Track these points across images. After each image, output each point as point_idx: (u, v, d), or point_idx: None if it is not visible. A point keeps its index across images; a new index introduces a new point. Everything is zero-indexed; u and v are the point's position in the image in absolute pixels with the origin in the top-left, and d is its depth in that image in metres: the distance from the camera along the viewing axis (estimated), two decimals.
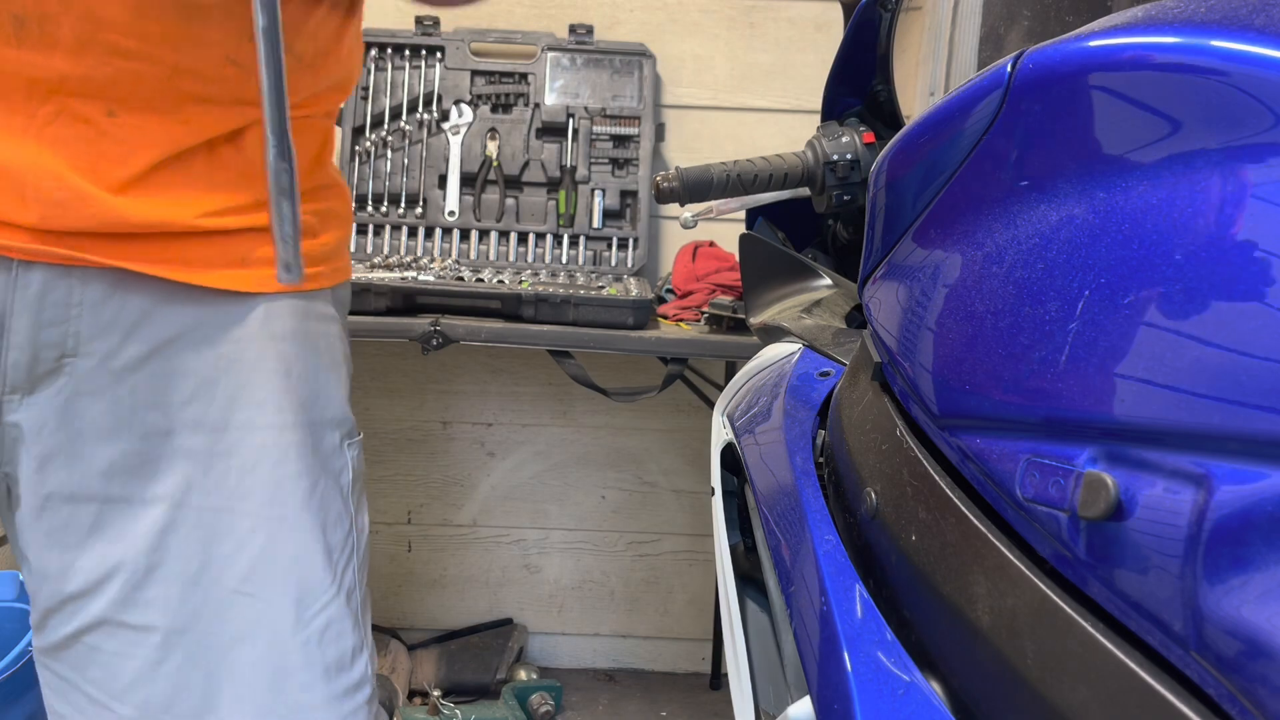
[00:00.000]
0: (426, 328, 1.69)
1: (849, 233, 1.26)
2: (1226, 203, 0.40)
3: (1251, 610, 0.33)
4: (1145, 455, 0.39)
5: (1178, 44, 0.44)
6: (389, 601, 2.27)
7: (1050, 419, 0.46)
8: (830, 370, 0.93)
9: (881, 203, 0.71)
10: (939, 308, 0.59)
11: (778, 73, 2.13)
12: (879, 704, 0.51)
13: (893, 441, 0.62)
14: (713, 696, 2.22)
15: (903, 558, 0.57)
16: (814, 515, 0.69)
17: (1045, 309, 0.48)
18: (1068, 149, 0.50)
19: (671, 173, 1.17)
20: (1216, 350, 0.37)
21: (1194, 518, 0.36)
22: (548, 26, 2.07)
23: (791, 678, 0.72)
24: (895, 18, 1.15)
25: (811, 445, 0.81)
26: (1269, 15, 0.41)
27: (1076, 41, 0.50)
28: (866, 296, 0.76)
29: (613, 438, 2.23)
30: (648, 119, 2.03)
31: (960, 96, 0.60)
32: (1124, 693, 0.38)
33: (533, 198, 2.05)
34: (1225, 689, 0.34)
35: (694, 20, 2.12)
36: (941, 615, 0.52)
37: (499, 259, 2.04)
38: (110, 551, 0.73)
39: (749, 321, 1.30)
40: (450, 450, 2.23)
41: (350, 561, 0.81)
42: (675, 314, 1.87)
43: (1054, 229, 0.49)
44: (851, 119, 1.22)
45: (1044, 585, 0.44)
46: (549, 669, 2.26)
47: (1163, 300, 0.41)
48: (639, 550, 2.28)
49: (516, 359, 2.18)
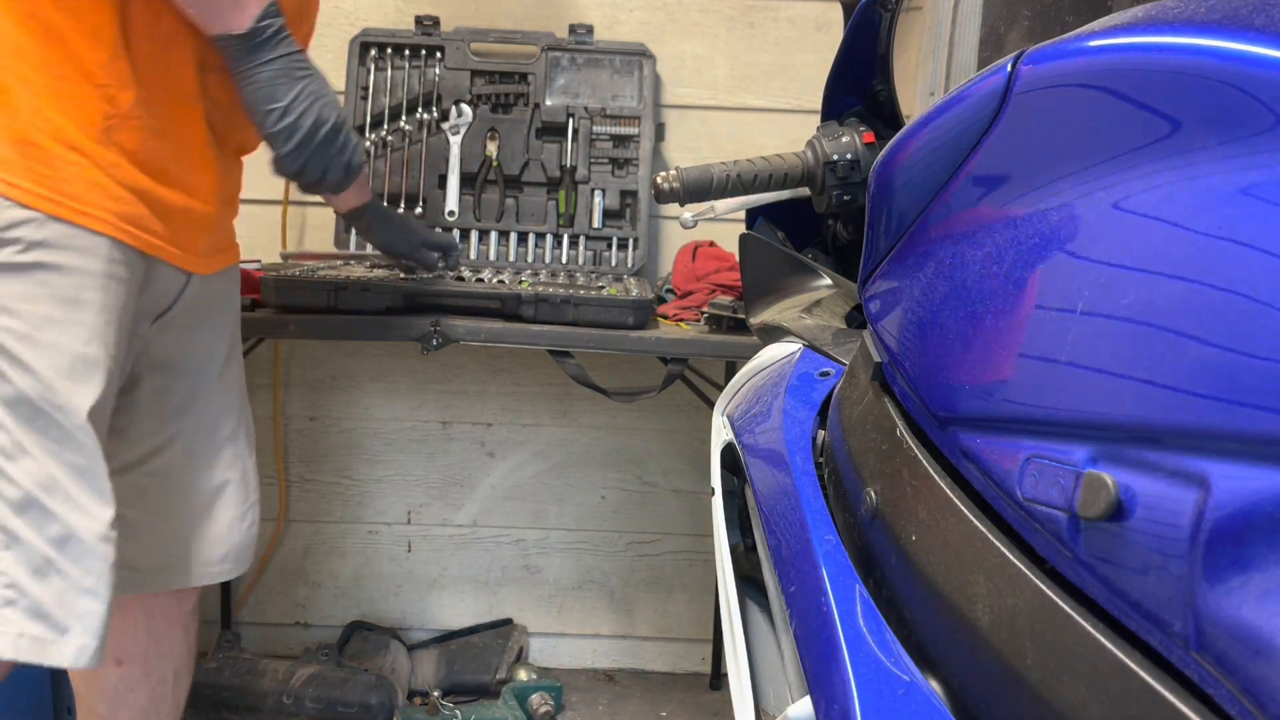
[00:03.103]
0: (426, 328, 1.69)
1: (849, 233, 1.26)
2: (1226, 202, 0.40)
3: (1251, 610, 0.33)
4: (1145, 455, 0.39)
5: (1178, 44, 0.44)
6: (389, 601, 2.27)
7: (1050, 419, 0.46)
8: (830, 370, 0.93)
9: (881, 203, 0.71)
10: (939, 307, 0.59)
11: (778, 73, 2.13)
12: (879, 704, 0.51)
13: (893, 441, 0.62)
14: (713, 696, 2.22)
15: (903, 558, 0.57)
16: (814, 515, 0.69)
17: (1045, 309, 0.48)
18: (1067, 148, 0.50)
19: (671, 173, 1.17)
20: (1216, 350, 0.37)
21: (1194, 518, 0.36)
22: (548, 26, 2.07)
23: (791, 678, 0.72)
24: (895, 18, 1.15)
25: (811, 445, 0.81)
26: (1269, 15, 0.41)
27: (1076, 41, 0.50)
28: (866, 296, 0.76)
29: (613, 438, 2.23)
30: (648, 119, 2.03)
31: (960, 96, 0.60)
32: (1124, 693, 0.38)
33: (533, 198, 2.05)
34: (1225, 689, 0.34)
35: (694, 20, 2.12)
36: (941, 615, 0.52)
37: (499, 259, 2.04)
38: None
39: (749, 321, 1.30)
40: (450, 450, 2.23)
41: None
42: (675, 314, 1.87)
43: (1054, 228, 0.49)
44: (851, 119, 1.22)
45: (1044, 585, 0.44)
46: (549, 669, 2.26)
47: (1162, 300, 0.41)
48: (639, 550, 2.28)
49: (516, 359, 2.18)
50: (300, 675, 1.95)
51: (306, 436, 2.21)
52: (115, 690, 1.37)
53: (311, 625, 2.27)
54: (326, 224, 2.09)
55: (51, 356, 1.07)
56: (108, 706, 1.38)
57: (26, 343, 1.06)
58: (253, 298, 1.73)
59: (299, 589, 2.26)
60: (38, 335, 1.06)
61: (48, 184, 1.06)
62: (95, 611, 1.09)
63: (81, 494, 1.08)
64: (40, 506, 1.07)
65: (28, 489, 1.06)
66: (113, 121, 1.09)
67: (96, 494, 1.09)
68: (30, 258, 1.06)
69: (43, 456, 1.07)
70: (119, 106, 1.09)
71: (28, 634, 1.07)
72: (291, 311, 1.70)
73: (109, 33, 1.07)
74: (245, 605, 2.25)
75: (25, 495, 1.06)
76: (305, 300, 1.70)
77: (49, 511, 1.07)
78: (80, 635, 1.09)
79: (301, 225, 2.14)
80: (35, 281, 1.06)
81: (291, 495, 2.22)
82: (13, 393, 1.06)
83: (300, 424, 2.20)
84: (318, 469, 2.22)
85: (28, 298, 1.06)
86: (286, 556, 2.24)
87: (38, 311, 1.06)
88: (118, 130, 1.09)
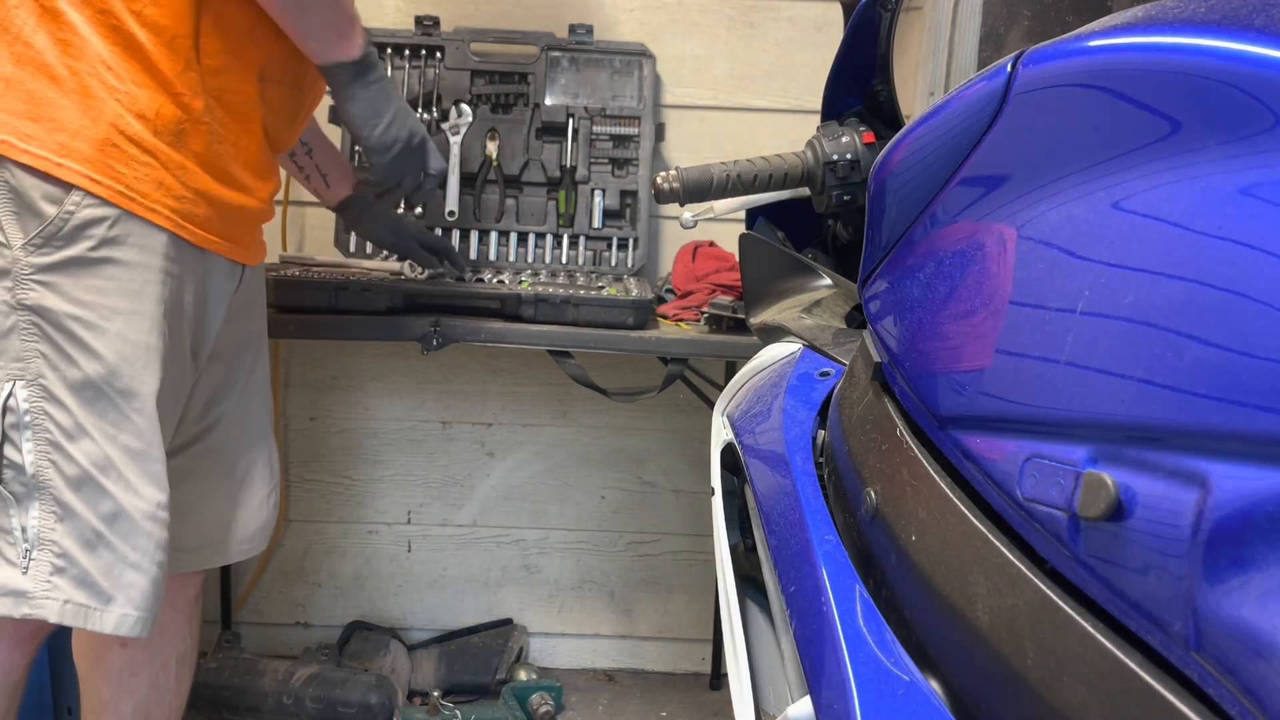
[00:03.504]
0: (426, 328, 1.69)
1: (849, 233, 1.26)
2: (1226, 202, 0.39)
3: (1251, 610, 0.33)
4: (1145, 455, 0.39)
5: (1178, 44, 0.44)
6: (389, 601, 2.27)
7: (1050, 419, 0.46)
8: (830, 370, 0.93)
9: (881, 202, 0.71)
10: (939, 307, 0.59)
11: (778, 73, 2.13)
12: (879, 704, 0.51)
13: (893, 441, 0.62)
14: (713, 696, 2.22)
15: (903, 558, 0.57)
16: (814, 515, 0.69)
17: (1045, 308, 0.48)
18: (1067, 148, 0.50)
19: (671, 173, 1.17)
20: (1216, 350, 0.37)
21: (1194, 518, 0.36)
22: (548, 26, 2.07)
23: (791, 678, 0.72)
24: (895, 18, 1.15)
25: (811, 445, 0.81)
26: (1269, 15, 0.41)
27: (1076, 41, 0.50)
28: (866, 296, 0.76)
29: (613, 438, 2.23)
30: (648, 119, 2.03)
31: (960, 96, 0.60)
32: (1124, 693, 0.38)
33: (533, 198, 2.05)
34: (1225, 689, 0.34)
35: (694, 20, 2.12)
36: (941, 615, 0.52)
37: (499, 259, 2.03)
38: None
39: (749, 321, 1.30)
40: (450, 450, 2.23)
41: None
42: (675, 314, 1.87)
43: (1054, 228, 0.49)
44: (851, 119, 1.22)
45: (1044, 585, 0.44)
46: (549, 669, 2.26)
47: (1162, 300, 0.41)
48: (639, 550, 2.28)
49: (516, 359, 2.18)
50: (300, 675, 1.95)
51: (306, 436, 2.21)
52: (120, 673, 1.41)
53: (311, 625, 2.27)
54: (326, 224, 2.09)
55: (117, 345, 1.15)
56: (112, 690, 1.41)
57: (95, 332, 1.14)
58: None
59: (299, 589, 2.26)
60: (105, 325, 1.15)
61: (122, 182, 1.14)
62: (139, 584, 1.18)
63: (134, 475, 1.17)
64: (95, 484, 1.15)
65: (85, 467, 1.15)
66: (185, 126, 1.18)
67: (149, 476, 1.18)
68: (102, 253, 1.14)
69: (101, 439, 1.15)
70: (190, 113, 1.19)
71: (74, 601, 1.15)
72: (291, 311, 1.70)
73: (184, 46, 1.17)
74: (245, 605, 2.25)
75: (82, 473, 1.15)
76: (305, 300, 1.70)
77: (103, 489, 1.15)
78: (123, 605, 1.17)
79: (301, 226, 2.14)
80: (105, 275, 1.15)
81: (291, 495, 2.22)
82: (80, 377, 1.14)
83: (300, 424, 2.20)
84: (318, 469, 2.22)
85: (97, 290, 1.14)
86: (286, 556, 2.24)
87: (106, 303, 1.15)
88: (188, 134, 1.19)
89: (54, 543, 1.15)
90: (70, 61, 1.12)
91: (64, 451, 1.14)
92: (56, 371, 1.14)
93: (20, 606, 1.15)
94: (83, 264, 1.14)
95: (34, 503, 1.15)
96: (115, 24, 1.14)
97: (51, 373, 1.14)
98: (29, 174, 1.11)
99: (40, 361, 1.13)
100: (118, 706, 1.42)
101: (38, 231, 1.12)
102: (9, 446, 1.14)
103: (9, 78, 1.11)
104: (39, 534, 1.15)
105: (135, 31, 1.14)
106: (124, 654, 1.41)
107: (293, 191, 2.10)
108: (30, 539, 1.15)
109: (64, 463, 1.15)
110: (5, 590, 1.15)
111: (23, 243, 1.12)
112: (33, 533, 1.15)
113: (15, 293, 1.12)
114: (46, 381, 1.14)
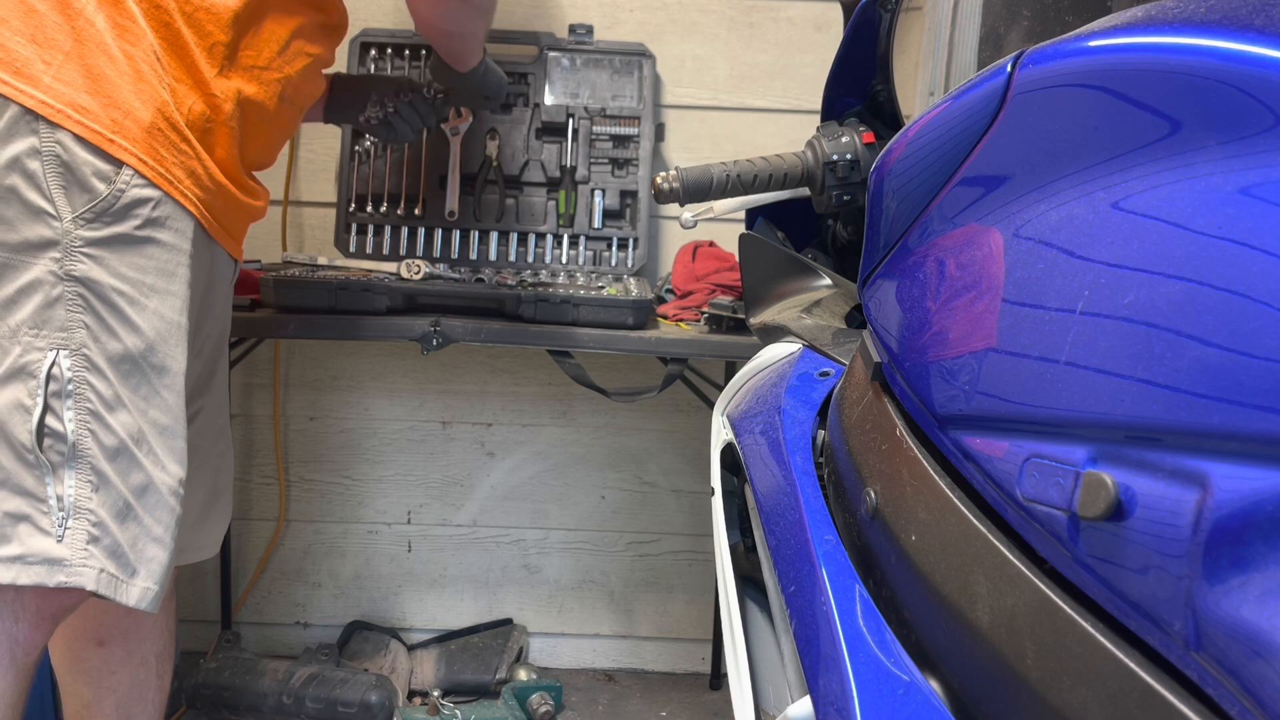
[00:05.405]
0: (426, 328, 1.69)
1: (849, 233, 1.26)
2: (1226, 202, 0.39)
3: (1251, 610, 0.33)
4: (1145, 455, 0.39)
5: (1178, 44, 0.44)
6: (389, 601, 2.27)
7: (1050, 419, 0.46)
8: (830, 370, 0.93)
9: (881, 203, 0.71)
10: (939, 308, 0.59)
11: (778, 73, 2.13)
12: (879, 704, 0.51)
13: (892, 441, 0.62)
14: (713, 696, 2.22)
15: (903, 558, 0.57)
16: (814, 515, 0.69)
17: (1045, 309, 0.48)
18: (1067, 148, 0.50)
19: (671, 173, 1.17)
20: (1216, 350, 0.37)
21: (1194, 518, 0.36)
22: (548, 26, 2.07)
23: (791, 678, 0.72)
24: (895, 18, 1.15)
25: (811, 445, 0.81)
26: (1269, 15, 0.41)
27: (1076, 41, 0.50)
28: (866, 296, 0.76)
29: (613, 438, 2.23)
30: (648, 119, 2.03)
31: (960, 96, 0.60)
32: (1124, 693, 0.38)
33: (533, 198, 2.05)
34: (1225, 689, 0.34)
35: (694, 20, 2.12)
36: (941, 615, 0.52)
37: (499, 259, 2.03)
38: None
39: (749, 321, 1.30)
40: (450, 450, 2.23)
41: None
42: (675, 314, 1.87)
43: (1053, 228, 0.49)
44: (851, 119, 1.22)
45: (1044, 585, 0.44)
46: (549, 669, 2.26)
47: (1162, 300, 0.41)
48: (639, 550, 2.28)
49: (516, 359, 2.18)
50: (300, 675, 1.95)
51: (306, 436, 2.21)
52: (98, 672, 1.42)
53: (311, 625, 2.27)
54: (326, 224, 2.09)
55: (155, 322, 1.20)
56: (92, 690, 1.42)
57: (136, 307, 1.18)
58: (253, 298, 1.73)
59: (299, 589, 2.26)
60: (145, 301, 1.19)
61: (164, 166, 1.20)
62: (159, 559, 1.20)
63: (161, 449, 1.21)
64: (129, 455, 1.18)
65: (122, 438, 1.17)
66: (212, 125, 1.25)
67: (172, 452, 1.22)
68: (145, 232, 1.19)
69: (135, 412, 1.19)
70: (219, 115, 1.25)
71: (106, 570, 1.16)
72: (291, 311, 1.70)
73: (220, 53, 1.25)
74: (245, 605, 2.25)
75: (119, 444, 1.17)
76: (305, 300, 1.70)
77: (136, 461, 1.19)
78: (145, 579, 1.19)
79: (301, 226, 2.14)
80: (146, 254, 1.19)
81: (291, 495, 2.22)
82: (120, 350, 1.17)
83: (300, 424, 2.20)
84: (318, 469, 2.22)
85: (139, 268, 1.19)
86: (286, 556, 2.24)
87: (145, 280, 1.19)
88: (214, 133, 1.26)
89: (90, 511, 1.16)
90: (126, 46, 1.17)
91: (103, 421, 1.16)
92: (99, 343, 1.16)
93: (56, 574, 1.14)
94: (128, 241, 1.17)
95: (70, 472, 1.15)
96: (166, 20, 1.20)
97: (94, 344, 1.16)
98: (82, 147, 1.14)
99: (84, 332, 1.16)
100: (100, 705, 1.42)
101: (89, 206, 1.15)
102: (50, 415, 1.15)
103: (69, 52, 1.15)
104: (75, 502, 1.15)
105: (182, 30, 1.21)
106: (100, 652, 1.41)
107: (293, 191, 2.10)
108: (67, 507, 1.15)
109: (103, 433, 1.16)
110: (39, 558, 1.14)
111: (73, 215, 1.14)
112: (69, 501, 1.15)
113: (64, 264, 1.14)
114: (89, 352, 1.16)
